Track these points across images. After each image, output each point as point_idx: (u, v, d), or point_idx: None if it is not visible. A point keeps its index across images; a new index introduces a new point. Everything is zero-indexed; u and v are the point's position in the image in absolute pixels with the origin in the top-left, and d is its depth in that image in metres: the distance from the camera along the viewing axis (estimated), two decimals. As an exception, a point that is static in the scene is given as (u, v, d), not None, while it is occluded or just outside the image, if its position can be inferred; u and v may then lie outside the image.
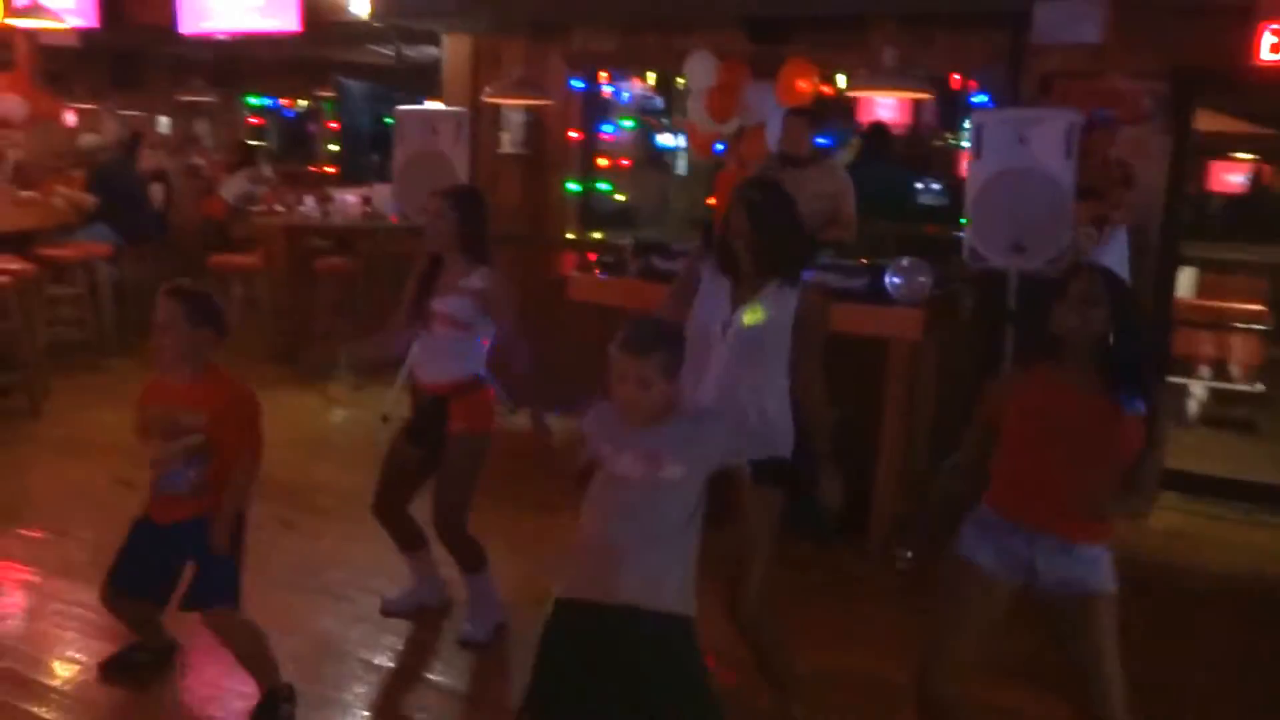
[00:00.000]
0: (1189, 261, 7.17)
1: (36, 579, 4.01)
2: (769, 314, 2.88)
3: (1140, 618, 3.88)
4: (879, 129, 7.13)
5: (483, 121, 6.71)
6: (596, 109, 6.97)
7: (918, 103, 8.20)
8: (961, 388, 4.27)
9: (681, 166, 9.10)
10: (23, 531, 4.39)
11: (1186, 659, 3.84)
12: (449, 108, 6.45)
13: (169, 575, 3.08)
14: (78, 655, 3.43)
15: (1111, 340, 2.52)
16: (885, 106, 8.28)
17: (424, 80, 8.06)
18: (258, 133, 13.62)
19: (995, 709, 3.22)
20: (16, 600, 3.91)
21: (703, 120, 5.78)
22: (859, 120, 7.99)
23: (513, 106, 6.59)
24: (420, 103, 6.87)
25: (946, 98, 7.49)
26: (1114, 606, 2.56)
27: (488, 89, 6.30)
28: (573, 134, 6.69)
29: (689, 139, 6.04)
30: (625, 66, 6.76)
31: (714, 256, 2.97)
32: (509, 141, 6.72)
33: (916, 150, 8.60)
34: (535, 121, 6.67)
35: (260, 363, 7.15)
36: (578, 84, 6.63)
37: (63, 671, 3.35)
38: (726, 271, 2.94)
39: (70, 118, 11.35)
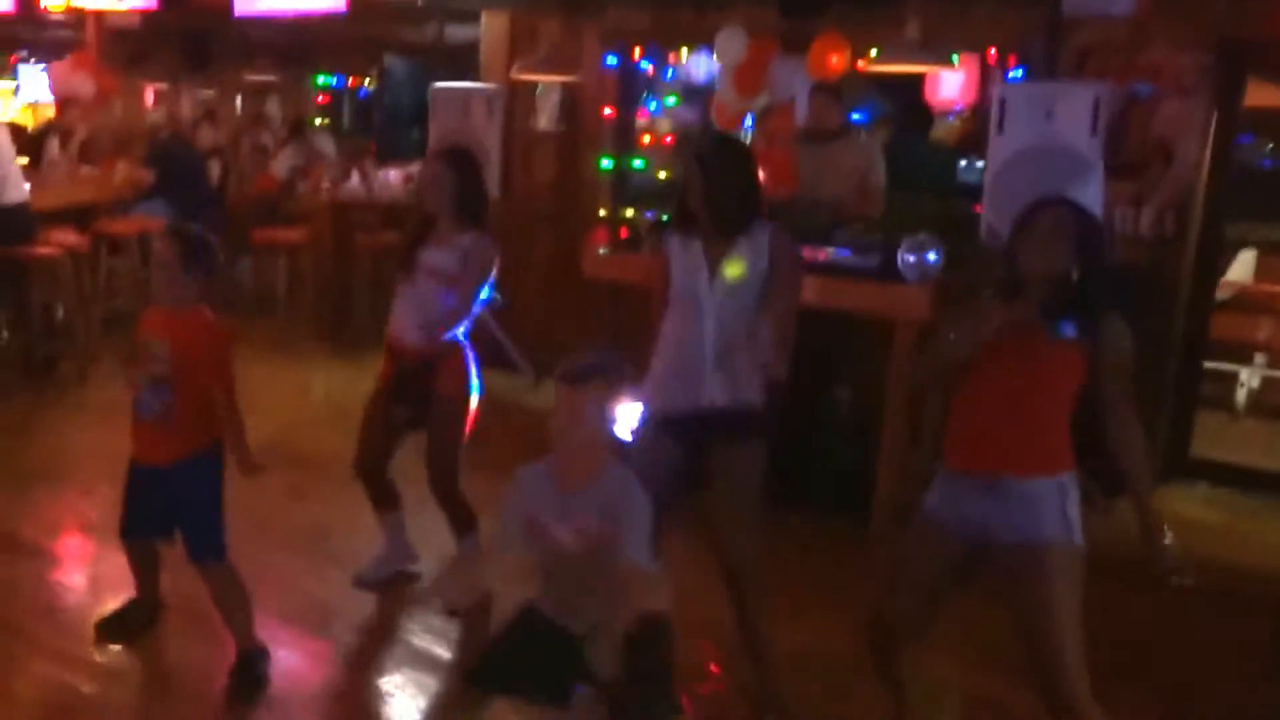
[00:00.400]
0: (1246, 244, 6.88)
1: (65, 537, 4.20)
2: (748, 262, 2.89)
3: (1159, 613, 3.79)
4: (918, 104, 6.94)
5: (519, 99, 6.75)
6: (633, 86, 6.93)
7: (985, 79, 7.98)
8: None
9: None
10: (54, 491, 4.60)
11: (1209, 659, 3.70)
12: (483, 85, 6.51)
13: (166, 515, 3.17)
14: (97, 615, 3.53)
15: (1075, 278, 2.43)
16: (949, 84, 8.09)
17: (473, 59, 8.13)
18: (326, 111, 13.91)
19: (985, 700, 3.17)
20: (42, 560, 4.09)
21: (729, 97, 5.73)
22: (924, 99, 7.78)
23: (547, 83, 6.61)
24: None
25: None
26: (1073, 562, 2.43)
27: (516, 65, 6.33)
28: (607, 111, 6.68)
29: (716, 116, 5.99)
30: (659, 42, 6.71)
31: (675, 225, 2.98)
32: (544, 119, 6.75)
33: (981, 127, 8.35)
34: (570, 99, 6.68)
35: (303, 338, 7.34)
36: (612, 60, 6.61)
37: (88, 634, 3.45)
38: (687, 229, 2.94)
39: (149, 97, 11.79)
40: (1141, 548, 2.44)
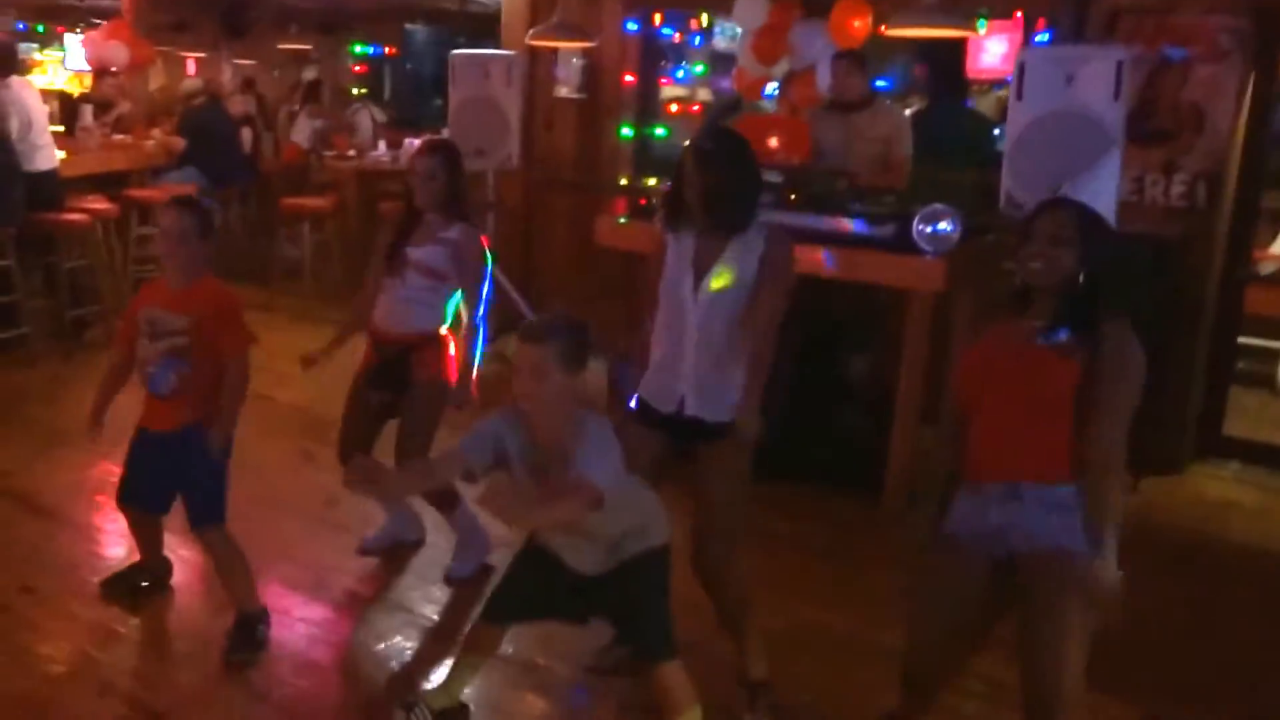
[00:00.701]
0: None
1: (86, 500, 4.28)
2: (737, 274, 2.81)
3: (1180, 589, 3.69)
4: (952, 69, 6.76)
5: (539, 64, 6.70)
6: (655, 52, 6.85)
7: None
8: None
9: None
10: (79, 455, 4.67)
11: (1228, 636, 3.59)
12: (502, 51, 6.47)
13: (166, 486, 3.20)
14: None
15: (1081, 282, 2.33)
16: (992, 53, 7.91)
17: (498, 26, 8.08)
18: (364, 80, 13.92)
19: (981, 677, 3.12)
20: (61, 522, 4.16)
21: (750, 63, 5.62)
22: (967, 66, 7.58)
23: (567, 49, 6.55)
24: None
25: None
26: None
27: (531, 31, 6.27)
28: (628, 78, 6.60)
29: (736, 83, 5.89)
30: (681, 8, 6.62)
31: (667, 216, 2.91)
32: (565, 85, 6.69)
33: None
34: (591, 65, 6.62)
35: (328, 305, 7.38)
36: (633, 26, 6.52)
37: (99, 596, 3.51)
38: (681, 221, 2.86)
39: (190, 66, 11.89)
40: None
